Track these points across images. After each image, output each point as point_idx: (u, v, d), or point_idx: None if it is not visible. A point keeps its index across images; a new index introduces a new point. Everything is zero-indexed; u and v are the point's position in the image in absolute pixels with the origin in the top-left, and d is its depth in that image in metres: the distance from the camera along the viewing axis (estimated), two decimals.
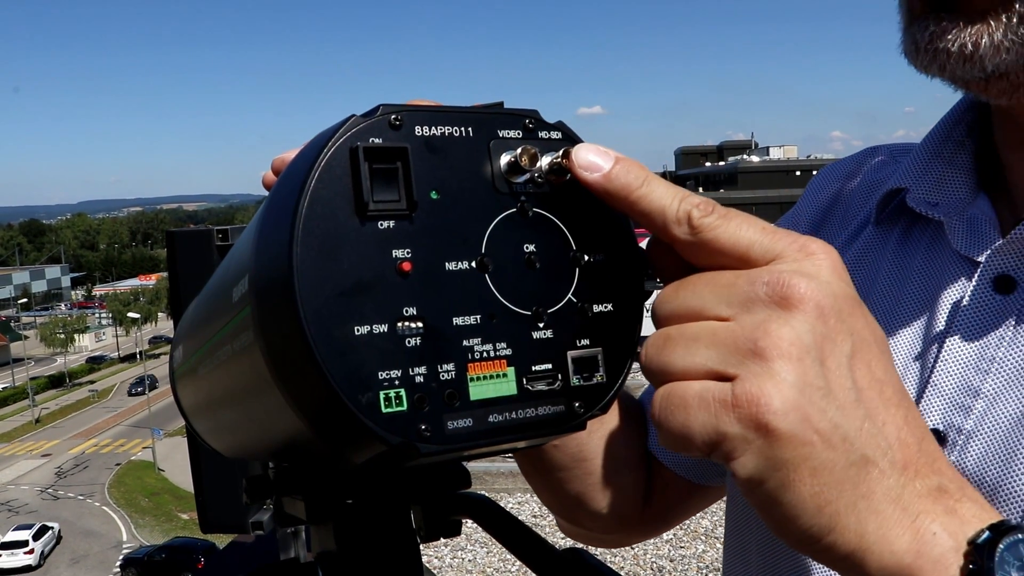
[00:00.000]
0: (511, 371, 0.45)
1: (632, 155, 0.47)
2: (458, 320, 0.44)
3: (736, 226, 0.44)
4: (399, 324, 0.42)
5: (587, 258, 0.48)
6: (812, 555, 0.42)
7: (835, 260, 0.44)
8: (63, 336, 59.59)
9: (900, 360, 0.71)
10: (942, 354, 0.67)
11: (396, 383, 0.41)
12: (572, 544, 0.72)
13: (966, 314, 0.67)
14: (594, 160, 0.46)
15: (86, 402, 49.65)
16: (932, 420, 0.66)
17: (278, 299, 0.41)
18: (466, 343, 0.44)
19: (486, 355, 0.44)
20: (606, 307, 0.48)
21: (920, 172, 0.76)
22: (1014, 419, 0.62)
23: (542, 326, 0.46)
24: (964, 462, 0.63)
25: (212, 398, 0.60)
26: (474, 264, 0.45)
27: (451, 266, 0.44)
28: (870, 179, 0.86)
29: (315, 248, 0.40)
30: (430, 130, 0.45)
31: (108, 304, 67.69)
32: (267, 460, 0.63)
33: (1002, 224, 0.69)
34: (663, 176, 0.48)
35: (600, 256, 0.49)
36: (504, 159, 0.47)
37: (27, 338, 65.48)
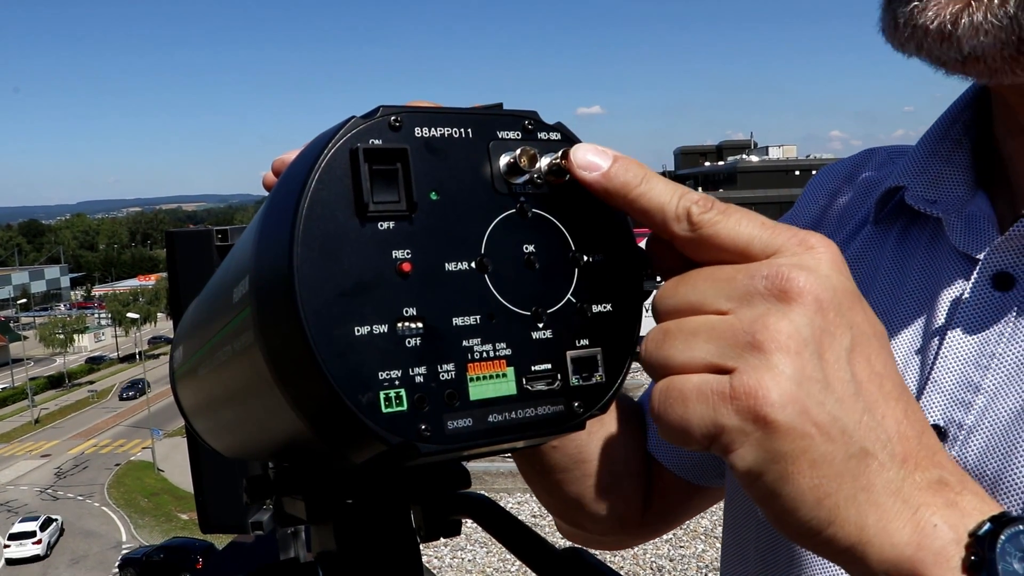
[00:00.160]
0: (511, 371, 0.45)
1: (631, 155, 0.47)
2: (458, 320, 0.44)
3: (735, 221, 0.44)
4: (399, 324, 0.42)
5: (586, 258, 0.48)
6: (813, 548, 0.42)
7: (835, 254, 0.44)
8: (62, 336, 59.56)
9: (900, 356, 0.71)
10: (942, 350, 0.67)
11: (396, 383, 0.41)
12: (572, 544, 0.72)
13: (966, 311, 0.67)
14: (593, 160, 0.47)
15: (85, 402, 49.63)
16: (932, 416, 0.66)
17: (278, 300, 0.41)
18: (466, 343, 0.44)
19: (486, 355, 0.45)
20: (605, 307, 0.49)
21: (918, 170, 0.76)
22: (1014, 414, 0.62)
23: (541, 326, 0.46)
24: (965, 457, 0.64)
25: (212, 398, 0.60)
26: (474, 265, 0.45)
27: (451, 267, 0.44)
28: (868, 179, 0.86)
29: (315, 249, 0.41)
30: (430, 131, 0.45)
31: (107, 304, 67.67)
32: (267, 460, 0.63)
33: (1000, 221, 0.69)
34: (662, 175, 0.48)
35: (599, 256, 0.49)
36: (503, 160, 0.47)
37: (26, 338, 65.45)
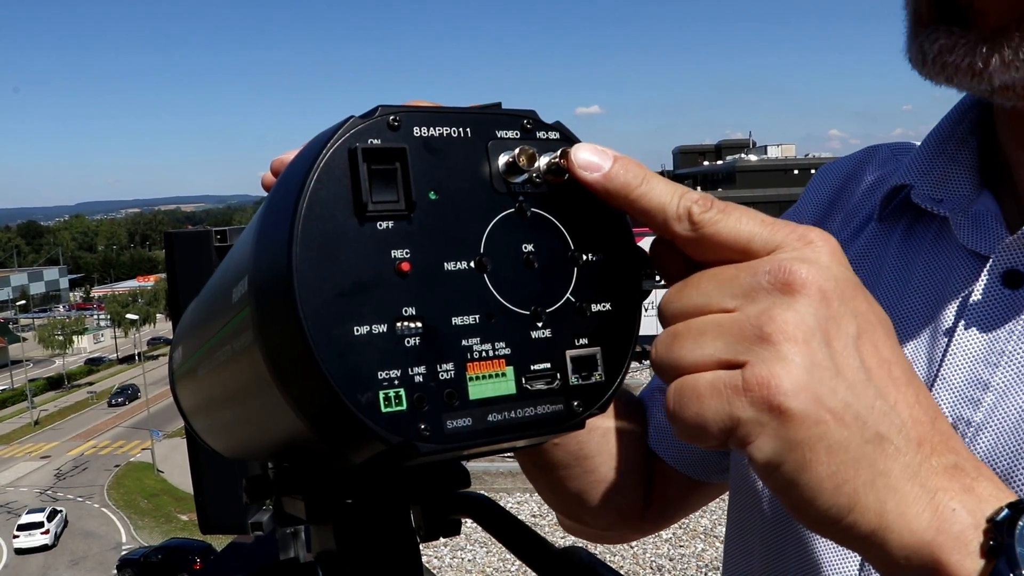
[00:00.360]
0: (510, 370, 0.45)
1: (630, 155, 0.47)
2: (457, 320, 0.44)
3: (735, 220, 0.45)
4: (398, 324, 0.42)
5: (585, 257, 0.48)
6: (833, 537, 0.42)
7: (834, 247, 0.44)
8: (61, 338, 59.50)
9: (908, 353, 0.71)
10: (951, 347, 0.67)
11: (395, 383, 0.41)
12: (572, 543, 0.72)
13: (975, 308, 0.67)
14: (593, 160, 0.47)
15: (85, 404, 49.59)
16: None
17: (277, 299, 0.41)
18: (465, 343, 0.44)
19: (485, 354, 0.45)
20: (604, 306, 0.49)
21: (924, 169, 0.76)
22: None
23: (541, 325, 0.46)
24: (973, 454, 0.64)
25: (212, 398, 0.60)
26: (473, 264, 0.45)
27: (450, 266, 0.44)
28: (872, 177, 0.86)
29: (314, 249, 0.41)
30: (428, 131, 0.45)
31: (106, 306, 67.63)
32: (267, 460, 0.63)
33: (1007, 220, 0.69)
34: (661, 175, 0.48)
35: (598, 256, 0.49)
36: (502, 159, 0.47)
37: (25, 340, 65.43)
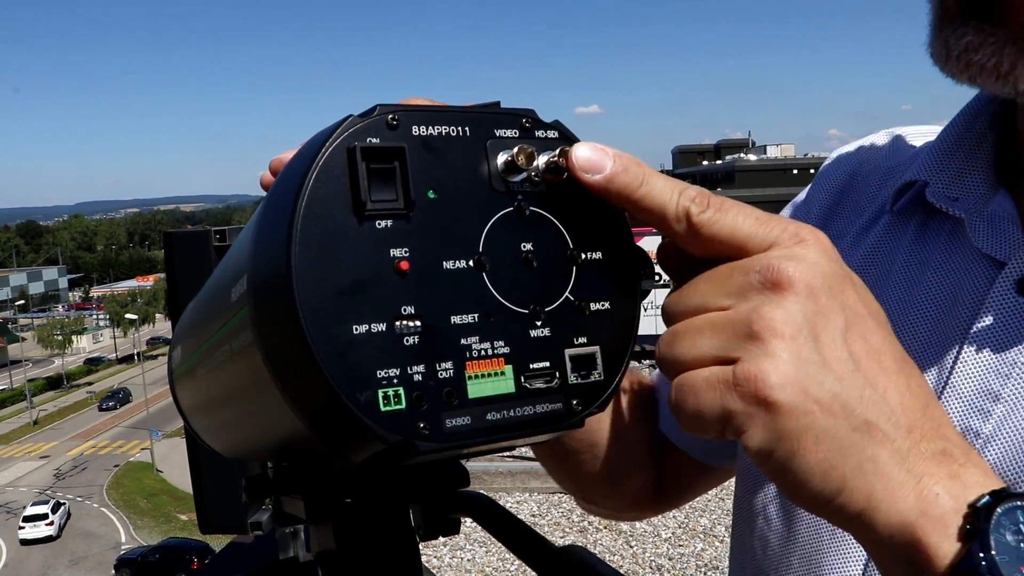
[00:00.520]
0: (509, 369, 0.45)
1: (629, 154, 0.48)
2: (456, 319, 0.44)
3: (732, 218, 0.46)
4: (397, 323, 0.42)
5: (584, 256, 0.48)
6: (826, 516, 0.44)
7: (824, 243, 0.46)
8: (61, 338, 59.46)
9: (916, 359, 0.70)
10: (961, 356, 0.66)
11: (394, 381, 0.41)
12: (572, 541, 0.72)
13: (987, 316, 0.65)
14: (593, 159, 0.47)
15: (84, 404, 49.56)
16: None
17: (276, 299, 0.41)
18: (464, 341, 0.44)
19: (484, 353, 0.45)
20: (603, 305, 0.49)
21: (940, 165, 0.73)
22: None
23: (540, 324, 0.47)
24: None
25: (211, 398, 0.60)
26: (471, 263, 0.45)
27: (448, 265, 0.44)
28: (884, 166, 0.83)
29: (313, 248, 0.41)
30: (427, 130, 0.45)
31: (106, 305, 67.60)
32: (266, 459, 0.63)
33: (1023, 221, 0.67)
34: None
35: (597, 254, 0.49)
36: (501, 158, 0.47)
37: (25, 340, 65.37)
